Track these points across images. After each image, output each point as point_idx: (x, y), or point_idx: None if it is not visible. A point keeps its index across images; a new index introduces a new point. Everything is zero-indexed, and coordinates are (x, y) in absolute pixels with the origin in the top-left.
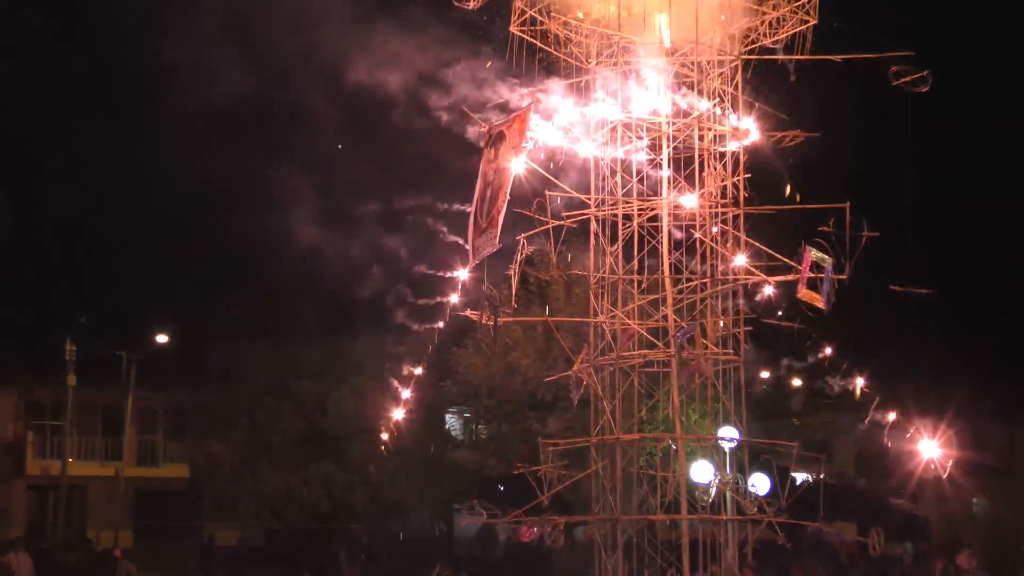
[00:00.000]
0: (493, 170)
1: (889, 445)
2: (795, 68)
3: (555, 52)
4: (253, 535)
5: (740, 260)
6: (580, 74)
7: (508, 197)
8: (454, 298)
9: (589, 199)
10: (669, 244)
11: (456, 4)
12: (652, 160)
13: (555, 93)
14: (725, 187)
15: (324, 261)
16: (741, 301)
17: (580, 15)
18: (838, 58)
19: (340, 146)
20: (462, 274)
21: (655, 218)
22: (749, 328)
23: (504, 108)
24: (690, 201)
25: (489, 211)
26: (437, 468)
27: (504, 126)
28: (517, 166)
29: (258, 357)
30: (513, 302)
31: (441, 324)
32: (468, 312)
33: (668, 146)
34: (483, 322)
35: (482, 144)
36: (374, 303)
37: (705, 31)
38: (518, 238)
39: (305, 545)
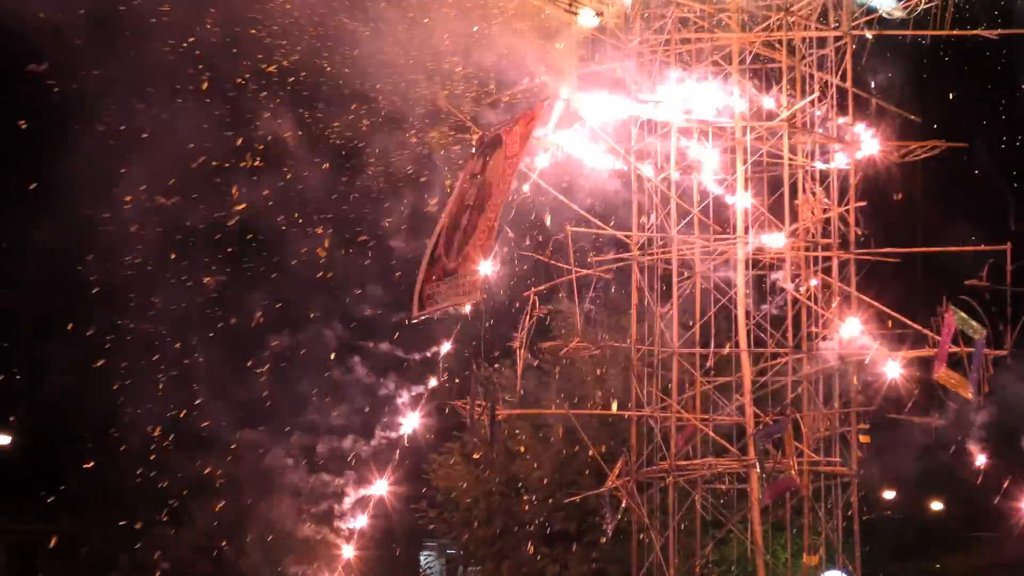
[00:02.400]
0: (476, 187)
1: None
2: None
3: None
4: None
5: (851, 327)
6: (617, 57)
7: (499, 227)
8: (432, 382)
9: (629, 237)
10: (747, 303)
11: None
12: (721, 182)
13: (581, 84)
14: (828, 221)
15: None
16: (854, 386)
17: None
18: (993, 34)
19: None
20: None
21: (726, 265)
22: (865, 426)
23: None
24: (777, 241)
25: (462, 246)
26: None
27: (502, 129)
28: (513, 182)
29: (143, 465)
30: (518, 388)
31: (413, 420)
32: (453, 402)
33: (745, 162)
34: (474, 417)
35: (471, 154)
36: (314, 388)
37: None
38: (526, 294)
39: None
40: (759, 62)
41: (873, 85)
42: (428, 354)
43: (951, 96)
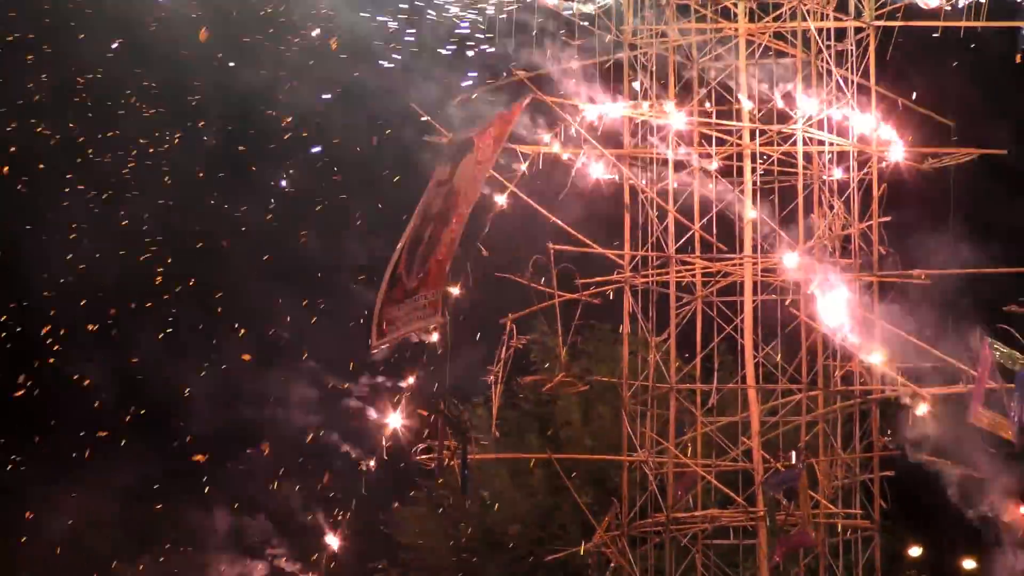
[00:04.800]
0: (442, 197)
1: None
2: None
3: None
4: None
5: (875, 358)
6: (611, 51)
7: (457, 239)
8: (394, 420)
9: (620, 257)
10: (755, 333)
11: None
12: (726, 194)
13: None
14: (848, 238)
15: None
16: (876, 428)
17: None
18: None
19: None
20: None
21: (731, 289)
22: (889, 473)
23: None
24: (790, 261)
25: (424, 261)
26: None
27: (475, 132)
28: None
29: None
30: (493, 428)
31: (370, 464)
32: (419, 447)
33: (753, 171)
34: (442, 463)
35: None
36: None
37: None
38: (502, 321)
39: None
40: (769, 56)
41: (898, 84)
42: (387, 384)
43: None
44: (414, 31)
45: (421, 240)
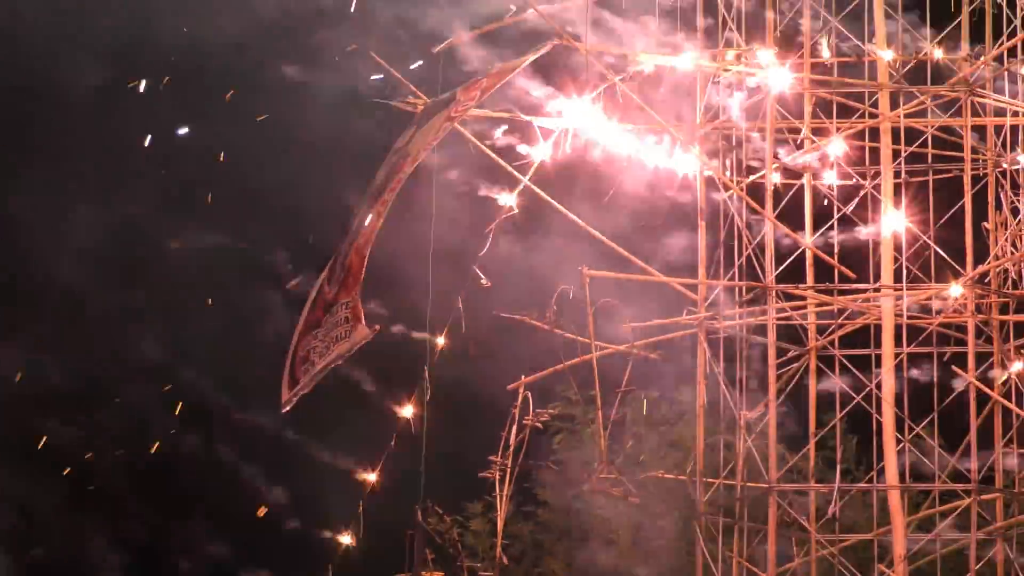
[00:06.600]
0: (387, 168)
1: None
2: None
3: None
4: None
5: None
6: None
7: (384, 213)
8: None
9: (691, 288)
10: (897, 404)
11: None
12: (853, 189)
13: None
14: None
15: None
16: None
17: None
18: None
19: None
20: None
21: (861, 337)
22: None
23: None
24: (952, 294)
25: (346, 256)
26: None
27: (460, 88)
28: (429, 145)
29: None
30: (498, 551)
31: None
32: None
33: (895, 155)
34: None
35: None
36: None
37: None
38: (510, 388)
39: None
40: None
41: None
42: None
43: None
44: None
45: (349, 230)
